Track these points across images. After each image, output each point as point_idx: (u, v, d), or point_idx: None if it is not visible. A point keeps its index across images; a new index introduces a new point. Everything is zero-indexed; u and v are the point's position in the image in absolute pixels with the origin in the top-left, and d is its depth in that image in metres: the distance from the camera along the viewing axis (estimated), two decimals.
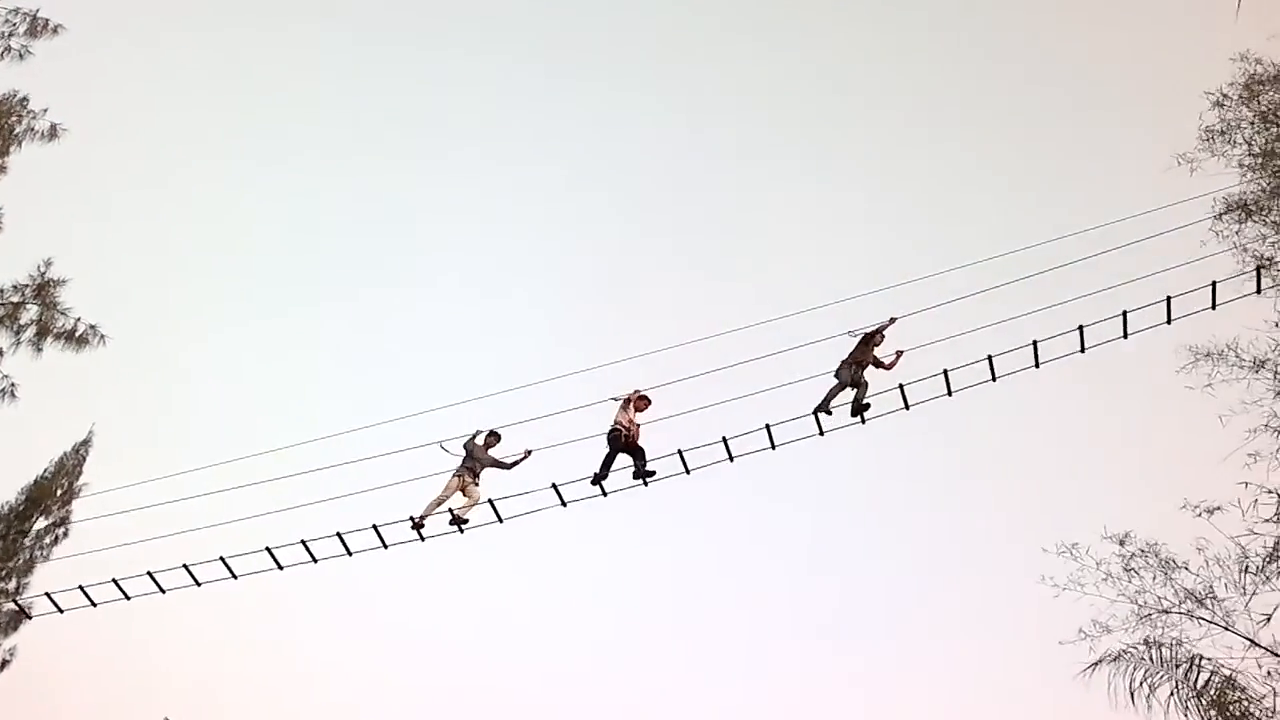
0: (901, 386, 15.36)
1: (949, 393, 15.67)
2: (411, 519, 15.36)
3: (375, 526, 15.39)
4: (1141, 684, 14.85)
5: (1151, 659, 15.00)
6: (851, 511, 33.39)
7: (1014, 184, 38.74)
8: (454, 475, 15.67)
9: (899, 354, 15.88)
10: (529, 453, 15.89)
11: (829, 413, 15.54)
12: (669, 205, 40.15)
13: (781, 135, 40.32)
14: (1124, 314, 15.39)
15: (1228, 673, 14.94)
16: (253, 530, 15.39)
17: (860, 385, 15.69)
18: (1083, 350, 15.57)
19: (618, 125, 41.90)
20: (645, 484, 15.65)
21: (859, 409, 15.61)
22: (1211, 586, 15.33)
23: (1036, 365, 15.69)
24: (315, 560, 15.63)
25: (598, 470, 15.53)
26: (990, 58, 41.50)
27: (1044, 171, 38.84)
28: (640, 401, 15.93)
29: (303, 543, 15.30)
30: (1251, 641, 15.04)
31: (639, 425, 15.83)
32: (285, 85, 40.85)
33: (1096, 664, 15.08)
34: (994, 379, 15.72)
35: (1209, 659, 15.00)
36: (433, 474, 15.76)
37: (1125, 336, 15.42)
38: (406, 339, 38.85)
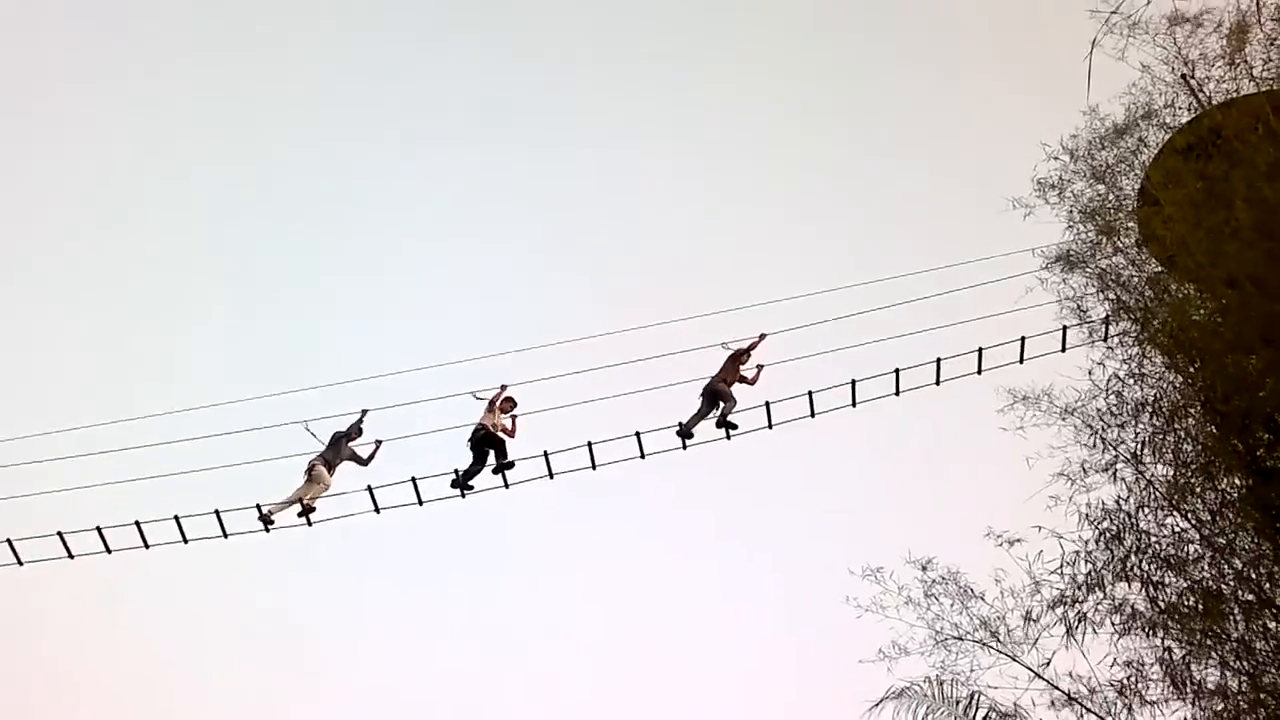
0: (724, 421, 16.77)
1: (811, 414, 17.03)
2: (259, 508, 15.61)
3: (216, 511, 15.42)
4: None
5: (933, 695, 15.93)
6: (669, 527, 32.65)
7: (877, 218, 37.92)
8: (310, 472, 16.03)
9: (760, 368, 17.40)
10: (379, 443, 16.57)
11: (690, 435, 17.22)
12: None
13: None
14: (938, 360, 16.38)
15: (1005, 708, 15.70)
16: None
17: (728, 400, 17.21)
18: (938, 382, 16.68)
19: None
20: (505, 482, 16.47)
21: (724, 423, 17.05)
22: (1004, 617, 16.01)
23: (897, 393, 16.92)
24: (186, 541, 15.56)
25: (464, 472, 16.32)
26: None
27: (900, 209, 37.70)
28: (506, 403, 16.79)
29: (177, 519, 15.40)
30: (1035, 673, 15.69)
31: (502, 425, 16.66)
32: None
33: (881, 701, 16.09)
34: (854, 404, 17.05)
35: (989, 694, 15.78)
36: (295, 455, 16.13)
37: (938, 383, 16.37)
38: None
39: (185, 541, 15.36)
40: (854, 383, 16.55)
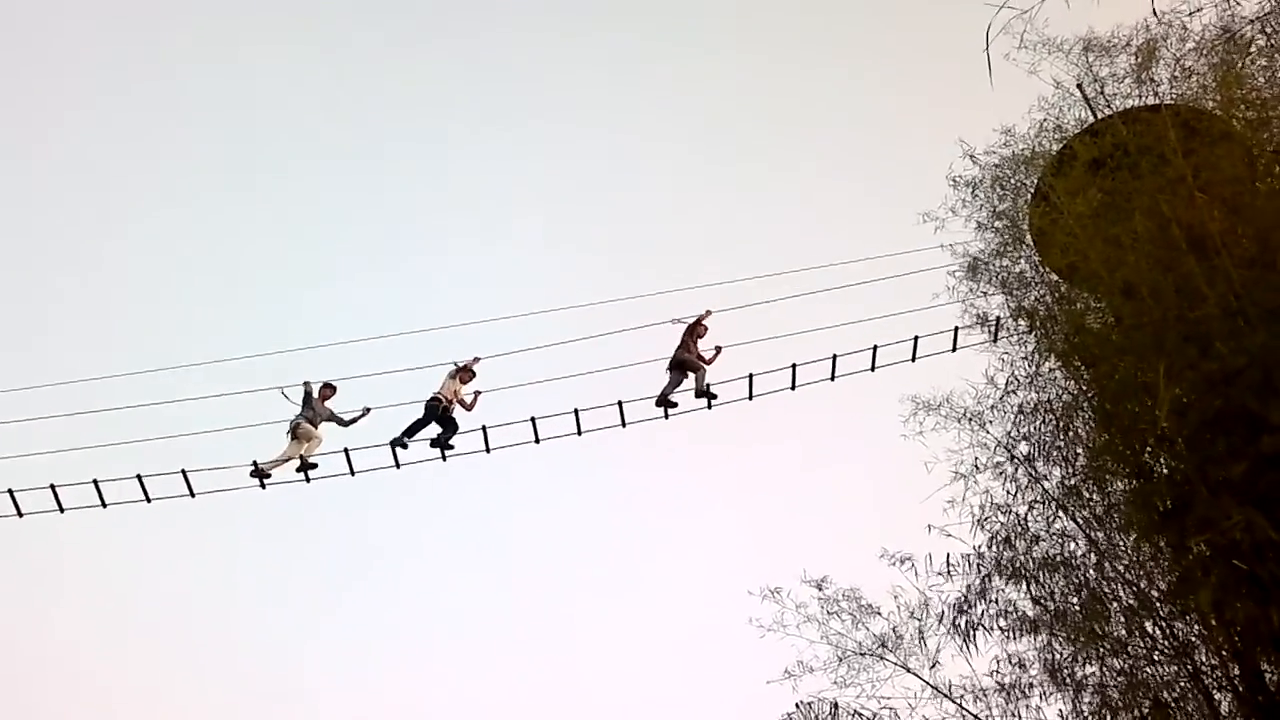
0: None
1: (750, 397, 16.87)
2: (255, 465, 15.71)
3: (183, 471, 15.51)
4: None
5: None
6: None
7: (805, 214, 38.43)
8: (295, 431, 16.12)
9: (718, 349, 17.20)
10: (368, 410, 16.56)
11: (673, 404, 16.90)
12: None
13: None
14: (834, 357, 16.45)
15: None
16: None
17: (696, 369, 17.01)
18: (833, 378, 16.71)
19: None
20: (443, 457, 16.30)
21: (703, 393, 16.88)
22: (896, 630, 16.11)
23: (793, 387, 16.89)
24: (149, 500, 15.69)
25: (402, 433, 16.20)
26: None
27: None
28: (465, 374, 16.65)
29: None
30: (926, 683, 15.81)
31: (461, 398, 16.59)
32: None
33: None
34: (750, 398, 16.96)
35: (885, 703, 15.81)
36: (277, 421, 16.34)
37: (833, 379, 16.44)
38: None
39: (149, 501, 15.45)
40: (751, 376, 16.54)
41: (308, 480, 16.01)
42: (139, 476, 15.34)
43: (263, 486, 15.90)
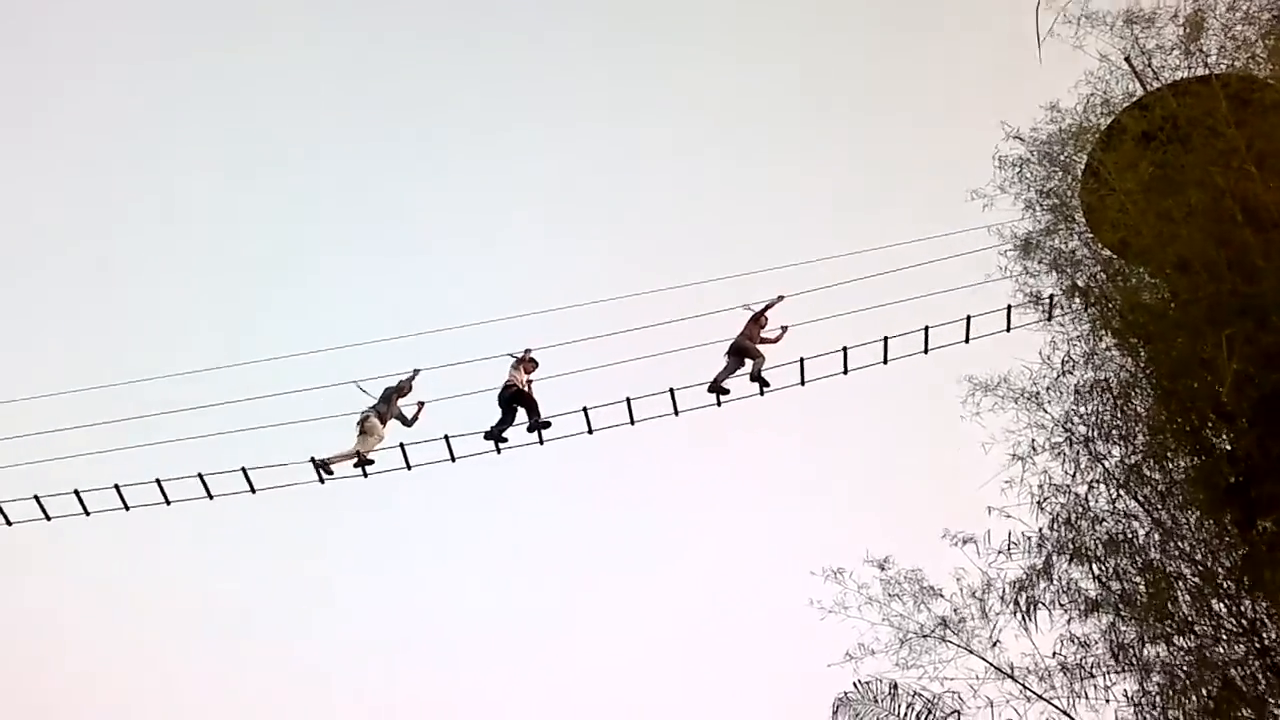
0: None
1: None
2: (314, 461, 15.78)
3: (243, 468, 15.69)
4: None
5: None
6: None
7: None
8: (363, 425, 16.24)
9: (784, 328, 17.15)
10: (421, 405, 16.78)
11: (726, 390, 16.72)
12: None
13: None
14: (885, 340, 16.39)
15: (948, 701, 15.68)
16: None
17: (755, 356, 16.89)
18: (885, 361, 16.62)
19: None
20: (541, 440, 16.38)
21: (758, 378, 16.71)
22: (958, 611, 16.05)
23: (845, 371, 16.79)
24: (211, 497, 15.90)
25: (494, 426, 16.25)
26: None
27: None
28: (529, 364, 16.77)
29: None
30: (989, 664, 15.75)
31: (530, 382, 16.67)
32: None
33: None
34: (802, 383, 16.88)
35: (946, 685, 15.76)
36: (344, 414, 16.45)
37: (885, 362, 16.40)
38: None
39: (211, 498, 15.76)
40: (802, 361, 16.48)
41: (365, 475, 16.11)
42: (200, 475, 15.63)
43: (322, 481, 16.07)
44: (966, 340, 16.15)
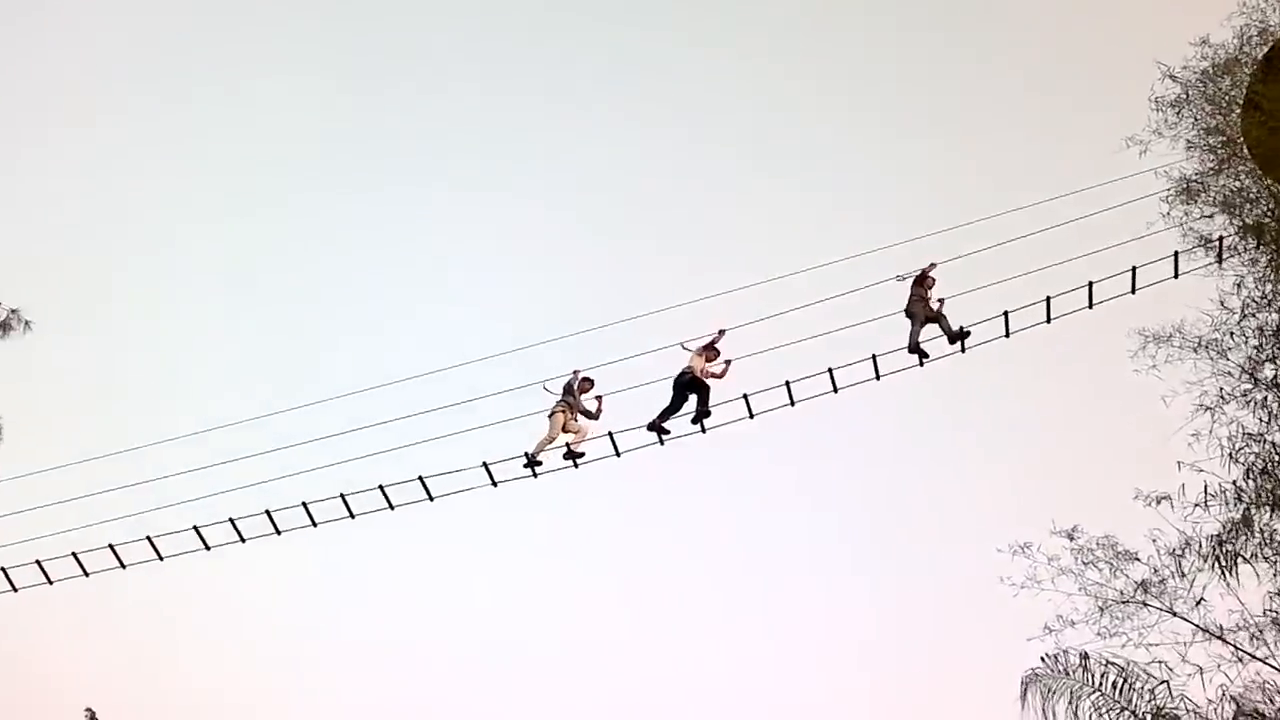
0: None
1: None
2: (526, 455, 15.76)
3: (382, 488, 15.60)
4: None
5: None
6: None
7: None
8: (556, 413, 16.05)
9: (940, 301, 16.30)
10: (600, 399, 16.30)
11: (925, 354, 16.08)
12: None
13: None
14: (1047, 299, 15.84)
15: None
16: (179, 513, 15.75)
17: (940, 317, 16.17)
18: (1049, 320, 15.98)
19: None
20: (702, 429, 15.98)
21: (956, 337, 15.99)
22: (1158, 572, 15.51)
23: (1007, 335, 16.19)
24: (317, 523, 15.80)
25: (661, 414, 15.90)
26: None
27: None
28: (710, 352, 16.24)
29: (303, 506, 15.60)
30: (1196, 626, 15.21)
31: (711, 371, 16.16)
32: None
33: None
34: (963, 350, 16.30)
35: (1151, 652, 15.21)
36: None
37: (1048, 321, 15.86)
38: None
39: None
40: (962, 330, 15.93)
41: (576, 466, 16.01)
42: (381, 487, 15.65)
43: (534, 475, 15.97)
44: (1133, 290, 15.53)
